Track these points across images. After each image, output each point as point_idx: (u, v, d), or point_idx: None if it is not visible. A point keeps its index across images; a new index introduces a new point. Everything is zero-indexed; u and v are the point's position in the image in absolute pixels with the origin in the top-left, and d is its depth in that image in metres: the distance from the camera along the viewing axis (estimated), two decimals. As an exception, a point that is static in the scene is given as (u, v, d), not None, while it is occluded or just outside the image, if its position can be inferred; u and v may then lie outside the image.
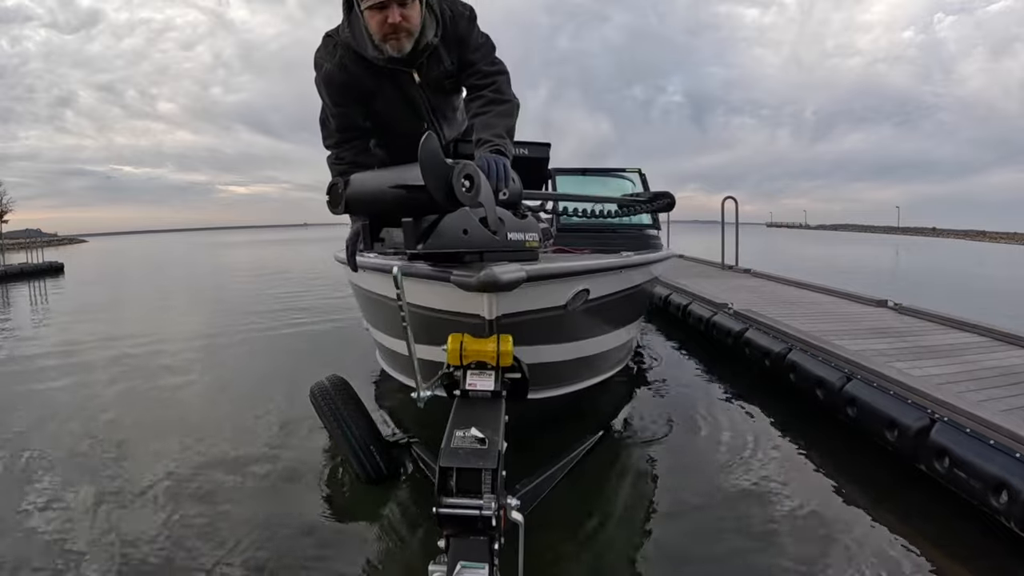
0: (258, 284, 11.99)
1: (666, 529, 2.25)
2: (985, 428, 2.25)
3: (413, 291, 1.80)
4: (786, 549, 2.08)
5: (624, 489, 2.56)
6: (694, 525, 2.27)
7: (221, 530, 2.22)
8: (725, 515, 2.33)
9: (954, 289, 11.25)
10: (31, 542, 2.15)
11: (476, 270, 1.64)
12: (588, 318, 2.34)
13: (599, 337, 2.61)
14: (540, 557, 2.00)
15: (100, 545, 2.11)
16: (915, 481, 2.51)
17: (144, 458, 2.91)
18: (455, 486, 1.53)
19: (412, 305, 1.81)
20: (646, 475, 2.70)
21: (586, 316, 2.29)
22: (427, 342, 1.79)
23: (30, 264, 15.59)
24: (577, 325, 2.29)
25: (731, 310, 4.88)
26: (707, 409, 3.59)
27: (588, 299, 2.17)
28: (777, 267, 9.02)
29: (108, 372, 4.69)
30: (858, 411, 2.91)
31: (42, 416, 3.59)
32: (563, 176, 4.29)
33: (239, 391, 4.11)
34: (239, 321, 7.11)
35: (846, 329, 4.17)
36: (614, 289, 2.48)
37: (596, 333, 2.56)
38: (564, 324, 2.16)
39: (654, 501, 2.47)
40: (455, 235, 1.65)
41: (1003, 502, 2.04)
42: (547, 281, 1.90)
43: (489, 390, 2.06)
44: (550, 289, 1.96)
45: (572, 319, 2.17)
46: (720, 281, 7.27)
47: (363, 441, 2.53)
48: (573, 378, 2.55)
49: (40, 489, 2.58)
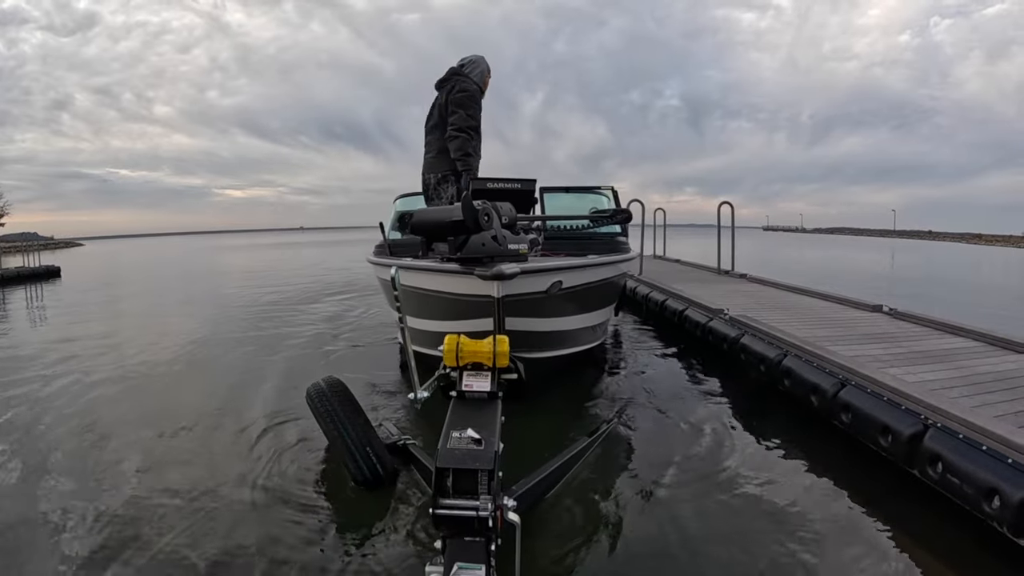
0: (259, 288, 11.98)
1: (662, 530, 2.25)
2: (978, 434, 2.27)
3: (449, 282, 2.88)
4: (780, 554, 2.09)
5: (620, 491, 2.56)
6: (689, 528, 2.28)
7: (217, 532, 2.22)
8: (721, 519, 2.34)
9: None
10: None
11: (489, 267, 2.55)
12: (564, 301, 3.23)
13: (574, 316, 3.50)
14: (538, 557, 2.01)
15: (97, 552, 2.12)
16: (908, 486, 2.53)
17: (135, 460, 2.91)
18: (452, 487, 1.54)
19: (447, 292, 2.92)
20: (641, 477, 2.71)
21: (562, 300, 3.18)
22: (455, 318, 2.90)
23: (27, 268, 15.49)
24: (556, 306, 3.19)
25: (727, 316, 4.90)
26: (703, 414, 3.60)
27: (562, 287, 3.07)
28: (773, 271, 9.07)
29: (109, 374, 4.69)
30: (852, 417, 2.93)
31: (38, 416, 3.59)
32: (551, 193, 5.12)
33: (239, 391, 4.10)
34: (240, 324, 7.10)
35: (841, 334, 4.19)
36: (582, 281, 3.37)
37: (571, 312, 3.45)
38: (546, 304, 3.07)
39: (650, 502, 2.47)
40: (477, 247, 2.60)
41: (995, 507, 2.06)
42: (532, 274, 2.81)
43: (485, 391, 2.08)
44: (534, 279, 2.86)
45: (552, 301, 3.08)
46: (716, 286, 7.29)
47: (360, 443, 2.53)
48: (556, 345, 3.44)
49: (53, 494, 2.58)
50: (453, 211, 2.61)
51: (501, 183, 3.27)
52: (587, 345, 4.00)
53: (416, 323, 3.24)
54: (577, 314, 3.51)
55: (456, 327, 2.55)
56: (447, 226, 2.63)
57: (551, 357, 3.40)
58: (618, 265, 4.16)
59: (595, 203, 5.19)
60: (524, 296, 2.81)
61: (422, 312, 3.25)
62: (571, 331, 3.53)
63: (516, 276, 2.56)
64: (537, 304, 2.97)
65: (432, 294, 3.05)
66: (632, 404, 3.77)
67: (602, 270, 3.66)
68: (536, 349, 3.18)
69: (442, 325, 2.88)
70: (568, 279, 3.11)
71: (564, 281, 3.05)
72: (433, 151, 3.85)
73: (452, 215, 2.59)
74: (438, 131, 3.79)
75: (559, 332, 3.37)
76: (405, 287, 3.14)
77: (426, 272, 3.05)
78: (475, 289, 2.68)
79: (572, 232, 4.37)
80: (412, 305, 3.21)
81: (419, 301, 3.18)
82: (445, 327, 2.60)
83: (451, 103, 3.68)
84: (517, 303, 2.77)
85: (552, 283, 2.96)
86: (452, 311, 2.93)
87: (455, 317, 2.88)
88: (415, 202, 5.02)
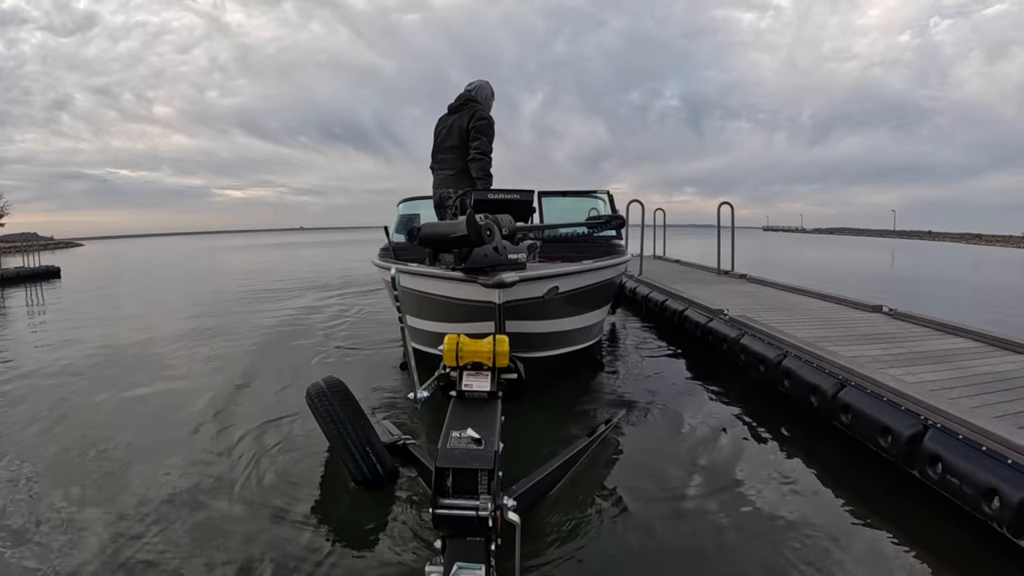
0: (259, 288, 11.98)
1: (661, 530, 2.26)
2: (978, 434, 2.27)
3: (454, 288, 3.09)
4: (780, 554, 2.09)
5: (620, 491, 2.56)
6: (689, 528, 2.28)
7: (216, 532, 2.22)
8: (720, 518, 2.34)
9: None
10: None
11: (491, 276, 2.80)
12: (561, 305, 3.41)
13: (570, 318, 3.67)
14: (538, 557, 2.01)
15: (102, 554, 2.12)
16: (908, 487, 2.53)
17: (135, 460, 2.91)
18: (452, 487, 1.54)
19: (452, 297, 3.13)
20: (641, 477, 2.71)
21: (559, 303, 3.36)
22: (459, 320, 3.10)
23: (27, 268, 15.47)
24: (553, 309, 3.36)
25: (726, 316, 4.90)
26: (702, 415, 3.60)
27: (559, 292, 3.27)
28: (773, 271, 9.06)
29: (110, 376, 4.69)
30: (852, 418, 2.92)
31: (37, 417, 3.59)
32: (549, 197, 5.29)
33: (239, 391, 4.10)
34: (240, 324, 7.10)
35: (841, 335, 4.19)
36: (578, 285, 3.57)
37: (567, 315, 3.61)
38: (544, 308, 3.24)
39: (650, 502, 2.47)
40: (480, 258, 2.86)
41: (995, 508, 2.06)
42: (530, 282, 3.03)
43: (485, 391, 2.08)
44: (532, 286, 3.07)
45: (549, 305, 3.26)
46: (716, 286, 7.28)
47: (360, 443, 2.53)
48: (554, 345, 3.61)
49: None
50: (458, 226, 2.82)
51: (501, 194, 3.55)
52: (584, 344, 4.18)
53: (421, 324, 3.53)
54: (573, 315, 3.71)
55: (460, 329, 2.69)
56: (453, 240, 2.86)
57: (550, 356, 3.59)
58: (613, 268, 4.33)
59: (591, 206, 5.36)
60: (523, 301, 3.03)
61: (427, 314, 3.47)
62: (568, 332, 3.72)
63: (515, 284, 2.83)
64: (535, 308, 3.16)
65: (438, 298, 3.25)
66: (632, 404, 3.77)
67: (597, 274, 3.85)
68: (535, 349, 3.36)
69: (446, 327, 3.02)
70: (564, 284, 3.31)
71: (560, 286, 3.26)
72: (453, 169, 4.09)
73: (457, 230, 2.80)
74: (458, 152, 4.07)
75: (556, 333, 3.56)
76: (413, 291, 3.43)
77: (433, 278, 3.26)
78: (478, 295, 2.91)
79: (569, 237, 4.62)
80: (418, 307, 3.50)
81: (425, 304, 3.39)
82: (449, 328, 2.76)
83: (473, 129, 4.00)
84: (516, 308, 2.99)
85: (549, 289, 3.17)
86: (457, 314, 3.13)
87: (460, 320, 3.09)
88: (418, 205, 5.29)
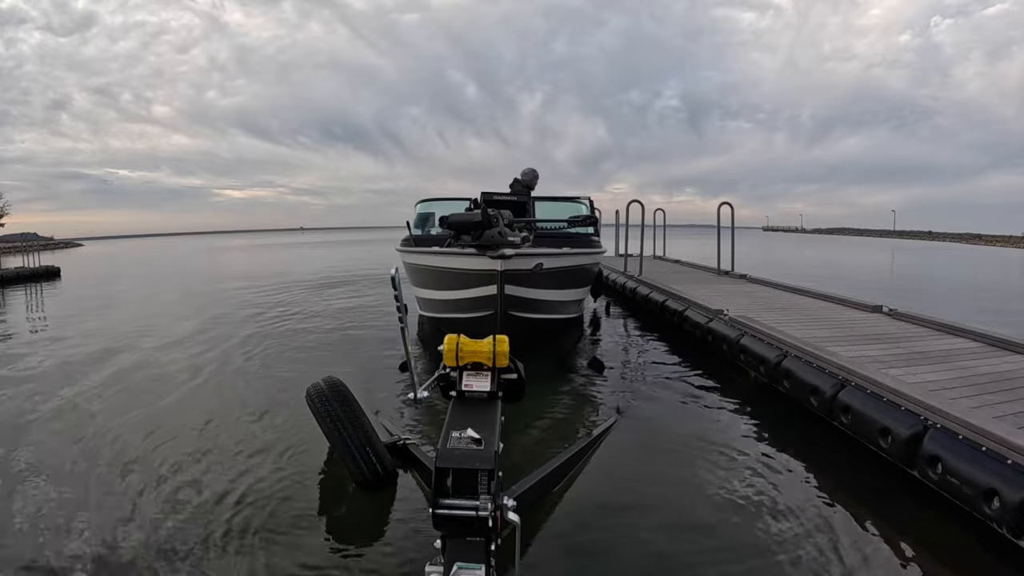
0: (258, 288, 11.97)
1: (661, 531, 2.26)
2: (977, 435, 2.27)
3: (466, 262, 4.22)
4: (780, 554, 2.09)
5: (619, 491, 2.56)
6: (689, 528, 2.28)
7: (217, 531, 2.22)
8: (720, 518, 2.34)
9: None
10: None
11: (496, 251, 3.89)
12: (546, 278, 4.47)
13: (553, 290, 4.76)
14: (538, 557, 2.01)
15: (93, 549, 2.12)
16: (908, 487, 2.53)
17: (135, 462, 2.91)
18: (452, 487, 1.54)
19: (464, 270, 4.27)
20: (640, 477, 2.71)
21: (544, 277, 4.40)
22: (471, 286, 4.24)
23: (26, 268, 15.45)
24: (539, 280, 4.38)
25: (727, 316, 4.90)
26: (702, 415, 3.60)
27: (544, 268, 4.31)
28: (773, 272, 9.06)
29: (112, 376, 4.69)
30: (852, 418, 2.92)
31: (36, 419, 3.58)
32: (540, 201, 6.48)
33: (239, 391, 4.10)
34: (240, 323, 7.10)
35: (841, 335, 4.19)
36: (557, 265, 4.66)
37: (551, 287, 4.67)
38: (532, 278, 4.29)
39: (649, 502, 2.47)
40: (489, 239, 3.96)
41: (995, 508, 2.06)
42: (523, 256, 4.11)
43: (485, 391, 2.08)
44: (524, 260, 4.14)
45: (536, 277, 4.31)
46: (716, 287, 7.29)
47: (360, 443, 2.53)
48: (542, 311, 4.70)
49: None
50: (474, 216, 4.25)
51: (504, 195, 5.53)
52: (565, 315, 5.49)
53: (439, 295, 4.90)
54: (556, 289, 4.81)
55: (471, 293, 4.20)
56: (471, 224, 4.19)
57: (537, 319, 4.70)
58: (587, 256, 5.50)
59: (575, 209, 6.59)
60: (517, 271, 4.10)
61: (444, 285, 4.69)
62: (552, 301, 4.86)
63: (512, 257, 3.95)
64: (526, 277, 4.23)
65: (453, 270, 4.46)
66: (631, 404, 3.77)
67: (572, 259, 5.04)
68: (527, 311, 4.42)
69: (461, 293, 4.38)
70: (547, 262, 4.41)
71: (544, 263, 4.35)
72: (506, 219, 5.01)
73: (473, 218, 4.19)
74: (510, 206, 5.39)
75: (543, 301, 4.64)
76: (433, 267, 4.79)
77: (449, 255, 4.54)
78: (485, 265, 4.02)
79: (555, 232, 5.98)
80: (437, 281, 4.82)
81: (443, 277, 4.64)
82: (463, 295, 4.32)
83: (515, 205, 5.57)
84: (513, 275, 4.07)
85: (536, 264, 4.25)
86: (469, 281, 4.24)
87: (471, 285, 4.22)
88: (432, 205, 6.84)
